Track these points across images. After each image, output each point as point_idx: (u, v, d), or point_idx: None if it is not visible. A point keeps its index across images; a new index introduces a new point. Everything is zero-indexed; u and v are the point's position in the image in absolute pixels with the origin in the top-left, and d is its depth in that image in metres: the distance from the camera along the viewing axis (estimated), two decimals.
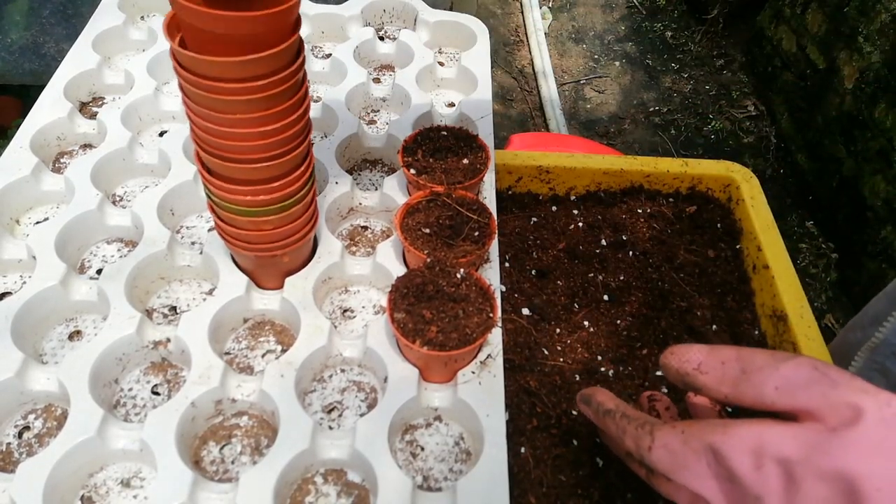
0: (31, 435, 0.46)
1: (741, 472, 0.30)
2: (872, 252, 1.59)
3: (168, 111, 0.66)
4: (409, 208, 0.52)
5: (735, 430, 0.31)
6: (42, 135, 0.61)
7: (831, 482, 0.28)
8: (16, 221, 0.57)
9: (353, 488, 0.44)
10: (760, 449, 0.29)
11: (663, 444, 0.33)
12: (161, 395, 0.48)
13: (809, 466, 0.28)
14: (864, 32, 1.66)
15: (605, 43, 2.39)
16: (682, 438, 0.33)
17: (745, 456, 0.30)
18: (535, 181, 0.68)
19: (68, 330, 0.51)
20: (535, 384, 0.52)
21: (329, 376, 0.50)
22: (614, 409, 0.38)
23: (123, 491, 0.43)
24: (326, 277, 0.53)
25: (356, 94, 0.68)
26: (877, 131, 1.59)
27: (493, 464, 0.42)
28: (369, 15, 0.78)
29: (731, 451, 0.30)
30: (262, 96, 0.37)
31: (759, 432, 0.30)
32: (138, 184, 0.62)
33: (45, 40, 1.03)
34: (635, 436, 0.35)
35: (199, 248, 0.54)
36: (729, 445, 0.30)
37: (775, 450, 0.29)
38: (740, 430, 0.31)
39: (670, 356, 0.35)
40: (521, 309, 0.57)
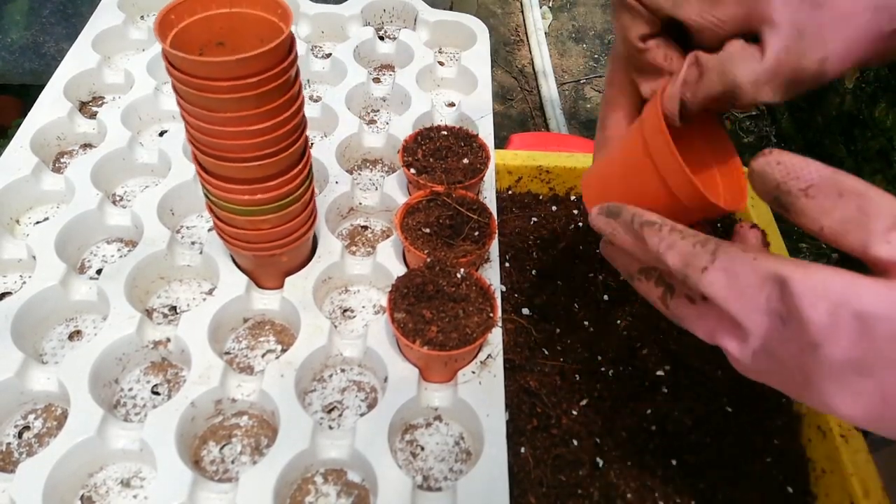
0: (31, 435, 0.46)
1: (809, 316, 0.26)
2: None
3: (168, 111, 0.66)
4: (409, 208, 0.52)
5: (817, 273, 0.27)
6: (42, 134, 0.61)
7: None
8: (16, 221, 0.57)
9: (353, 488, 0.44)
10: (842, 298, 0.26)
11: (725, 267, 0.29)
12: (161, 395, 0.48)
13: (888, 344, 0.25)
14: None
15: (605, 43, 2.39)
16: (752, 264, 0.28)
17: (819, 300, 0.26)
18: (535, 181, 0.68)
19: (68, 330, 0.51)
20: (535, 384, 0.52)
21: (329, 376, 0.50)
22: (659, 221, 0.33)
23: (123, 491, 0.43)
24: (326, 277, 0.53)
25: (356, 94, 0.68)
26: (877, 131, 1.59)
27: (493, 464, 0.42)
28: (369, 15, 0.78)
29: (805, 292, 0.27)
30: (253, 94, 0.37)
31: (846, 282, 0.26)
32: (138, 184, 0.62)
33: (45, 40, 1.03)
34: (689, 252, 0.30)
35: (199, 247, 0.54)
36: (805, 285, 0.27)
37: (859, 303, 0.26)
38: (823, 274, 0.27)
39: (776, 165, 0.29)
40: (521, 309, 0.57)
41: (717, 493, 0.49)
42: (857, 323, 0.26)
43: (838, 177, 0.28)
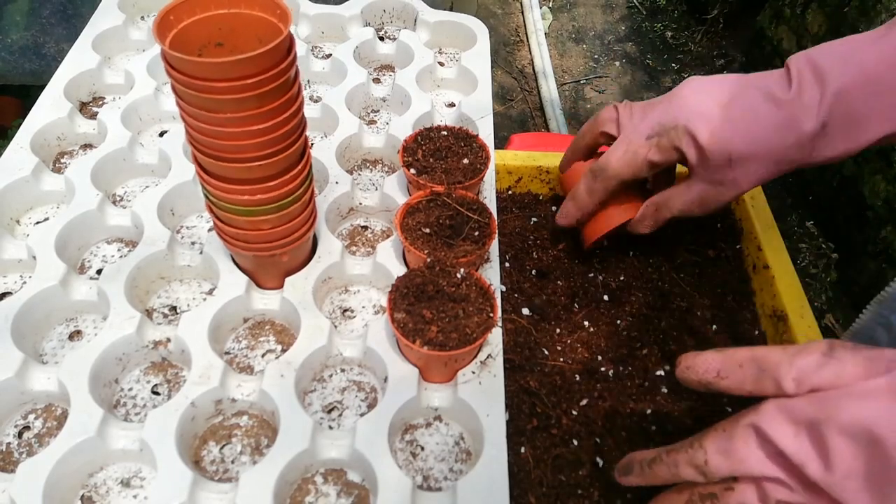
0: (31, 435, 0.46)
1: (782, 443, 0.32)
2: (872, 252, 1.59)
3: (168, 111, 0.66)
4: (409, 208, 0.52)
5: (765, 408, 0.34)
6: (42, 135, 0.61)
7: (853, 435, 0.30)
8: (16, 221, 0.57)
9: (353, 488, 0.44)
10: (794, 417, 0.32)
11: (715, 450, 0.35)
12: (161, 394, 0.48)
13: (831, 424, 0.31)
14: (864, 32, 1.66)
15: (605, 43, 2.39)
16: (726, 436, 0.35)
17: (783, 426, 0.32)
18: (535, 181, 0.68)
19: (68, 330, 0.51)
20: (535, 384, 0.52)
21: (329, 376, 0.50)
22: (656, 455, 0.39)
23: (123, 491, 0.43)
24: (326, 277, 0.53)
25: (356, 94, 0.68)
26: None
27: (493, 464, 0.42)
28: (369, 15, 0.78)
29: (769, 426, 0.33)
30: (253, 94, 0.37)
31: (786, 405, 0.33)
32: (138, 184, 0.62)
33: (45, 40, 1.03)
34: (689, 459, 0.36)
35: (199, 248, 0.54)
36: (764, 420, 0.33)
37: (802, 415, 0.32)
38: (770, 405, 0.33)
39: (687, 370, 0.38)
40: (521, 309, 0.57)
41: None
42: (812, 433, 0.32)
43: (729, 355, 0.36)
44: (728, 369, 0.36)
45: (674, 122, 0.48)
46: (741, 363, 0.35)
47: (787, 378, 0.33)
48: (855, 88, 0.43)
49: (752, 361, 0.35)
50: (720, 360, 0.36)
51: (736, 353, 0.36)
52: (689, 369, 0.38)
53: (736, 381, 0.36)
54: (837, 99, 0.43)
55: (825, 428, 0.31)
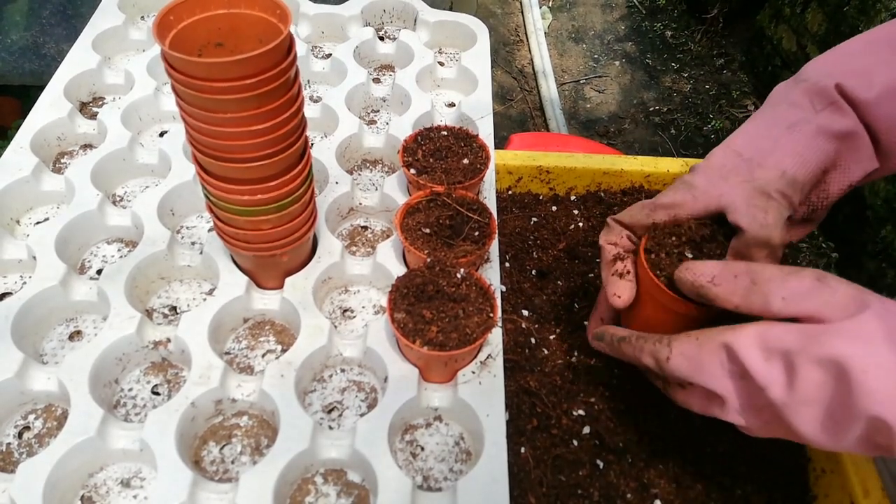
0: (31, 435, 0.46)
1: (751, 365, 0.33)
2: (872, 252, 1.59)
3: (168, 111, 0.66)
4: (409, 208, 0.52)
5: (744, 329, 0.35)
6: (42, 135, 0.61)
7: (824, 367, 0.32)
8: (16, 221, 0.57)
9: (353, 488, 0.44)
10: (767, 343, 0.33)
11: (680, 352, 0.37)
12: (161, 395, 0.48)
13: (805, 354, 0.32)
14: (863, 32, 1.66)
15: (605, 42, 2.39)
16: (696, 343, 0.36)
17: (754, 349, 0.33)
18: (535, 181, 0.68)
19: (68, 330, 0.51)
20: (535, 384, 0.52)
21: (329, 376, 0.50)
22: (628, 335, 0.42)
23: (123, 491, 0.43)
24: (326, 277, 0.53)
25: (356, 94, 0.68)
26: None
27: (493, 464, 0.42)
28: (369, 15, 0.78)
29: (741, 347, 0.34)
30: (253, 95, 0.37)
31: (765, 328, 0.34)
32: (138, 184, 0.62)
33: (45, 40, 1.03)
34: (653, 350, 0.39)
35: (199, 248, 0.54)
36: (740, 342, 0.34)
37: (778, 343, 0.33)
38: (749, 329, 0.34)
39: (685, 271, 0.38)
40: (521, 309, 0.57)
41: (717, 493, 0.49)
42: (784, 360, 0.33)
43: (729, 265, 0.37)
44: (723, 276, 0.36)
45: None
46: (737, 273, 0.36)
47: (777, 296, 0.34)
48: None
49: (746, 273, 0.36)
50: (719, 266, 0.37)
51: (734, 264, 0.37)
52: (687, 270, 0.38)
53: (727, 289, 0.36)
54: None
55: (799, 356, 0.32)
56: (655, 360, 0.38)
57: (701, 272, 0.38)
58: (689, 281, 0.38)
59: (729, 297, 0.36)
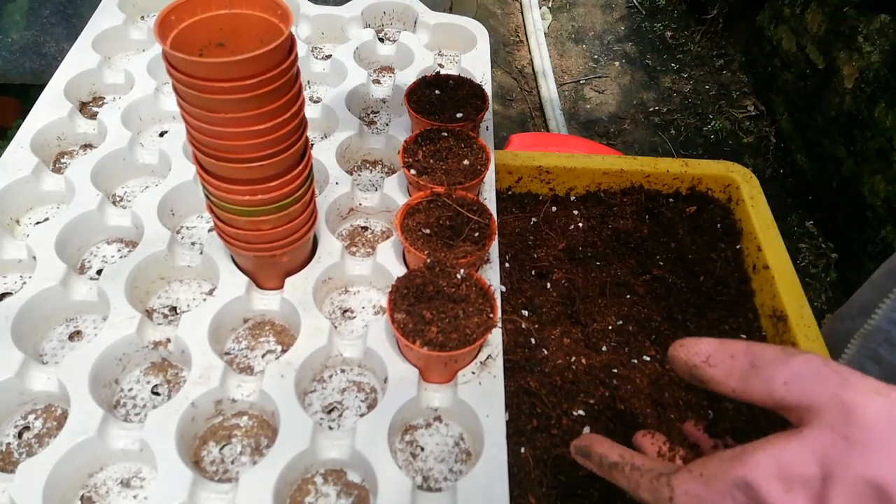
0: (31, 435, 0.46)
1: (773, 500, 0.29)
2: (872, 252, 1.59)
3: (168, 111, 0.66)
4: (409, 209, 0.52)
5: (755, 459, 0.30)
6: (42, 135, 0.61)
7: (860, 492, 0.27)
8: (16, 221, 0.57)
9: (353, 488, 0.44)
10: (785, 472, 0.29)
11: (685, 492, 0.32)
12: (161, 395, 0.48)
13: (837, 482, 0.28)
14: (863, 32, 1.66)
15: (604, 43, 2.39)
16: (703, 482, 0.32)
17: (773, 482, 0.29)
18: (535, 181, 0.68)
19: (68, 330, 0.51)
20: (535, 384, 0.52)
21: (329, 376, 0.50)
22: (621, 462, 0.37)
23: (123, 491, 0.43)
24: (326, 278, 0.53)
25: (356, 95, 0.68)
26: (876, 131, 1.59)
27: (493, 464, 0.42)
28: (369, 17, 0.78)
29: (758, 481, 0.29)
30: (253, 95, 0.37)
31: (777, 454, 0.29)
32: (138, 184, 0.62)
33: (45, 40, 1.03)
34: (651, 488, 0.34)
35: (199, 248, 0.54)
36: (754, 476, 0.30)
37: (800, 470, 0.29)
38: (760, 458, 0.30)
39: (679, 348, 0.35)
40: (521, 309, 0.57)
41: None
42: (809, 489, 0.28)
43: (725, 343, 0.33)
44: (718, 357, 0.33)
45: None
46: (733, 354, 0.33)
47: (779, 379, 0.30)
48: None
49: (745, 354, 0.32)
50: (714, 346, 0.34)
51: (731, 343, 0.33)
52: (681, 347, 0.35)
53: (723, 371, 0.33)
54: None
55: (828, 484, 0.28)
56: (656, 498, 0.34)
57: (695, 350, 0.34)
58: (683, 360, 0.35)
59: (725, 379, 0.32)
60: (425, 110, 0.59)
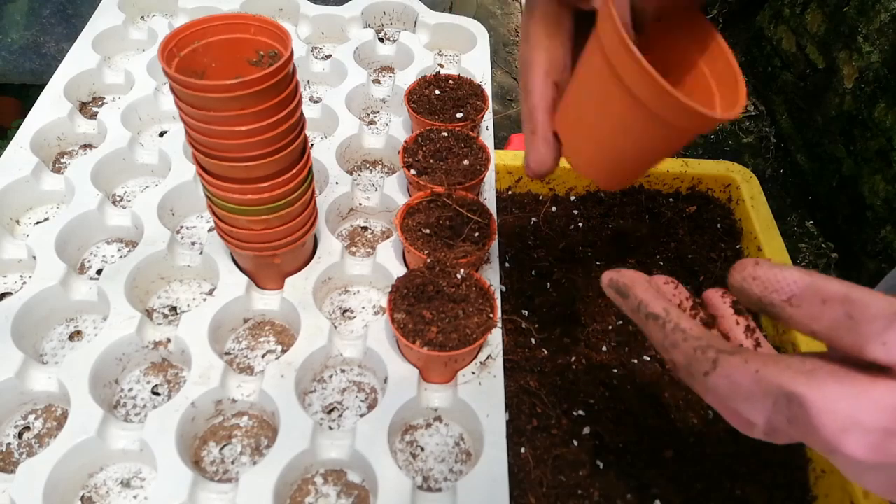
0: (31, 435, 0.46)
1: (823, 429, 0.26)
2: (872, 252, 1.59)
3: (168, 111, 0.66)
4: (409, 209, 0.52)
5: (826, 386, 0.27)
6: (42, 135, 0.61)
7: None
8: (16, 221, 0.57)
9: (353, 489, 0.44)
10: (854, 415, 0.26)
11: (727, 375, 0.29)
12: (161, 395, 0.48)
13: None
14: (863, 32, 1.66)
15: None
16: (754, 377, 0.28)
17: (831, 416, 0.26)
18: (535, 181, 0.68)
19: (68, 330, 0.51)
20: (535, 384, 0.52)
21: (329, 376, 0.50)
22: (664, 317, 0.32)
23: (123, 491, 0.43)
24: (326, 278, 0.53)
25: (356, 95, 0.68)
26: (876, 131, 1.59)
27: (493, 464, 0.42)
28: (369, 16, 0.78)
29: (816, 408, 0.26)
30: (250, 92, 0.37)
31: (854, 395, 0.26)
32: (138, 184, 0.62)
33: (45, 40, 1.03)
34: (690, 356, 0.30)
35: (199, 248, 0.54)
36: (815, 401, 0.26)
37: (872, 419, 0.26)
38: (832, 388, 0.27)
39: (752, 280, 0.29)
40: (521, 309, 0.57)
41: (717, 493, 0.49)
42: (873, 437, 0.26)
43: (819, 283, 0.28)
44: (806, 297, 0.28)
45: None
46: (826, 299, 0.27)
47: (878, 339, 0.26)
48: None
49: (841, 303, 0.27)
50: (803, 284, 0.28)
51: (826, 284, 0.27)
52: (754, 280, 0.29)
53: (809, 314, 0.28)
54: None
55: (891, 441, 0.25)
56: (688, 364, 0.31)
57: (776, 287, 0.28)
58: (756, 294, 0.29)
59: (809, 323, 0.28)
60: (425, 110, 0.59)
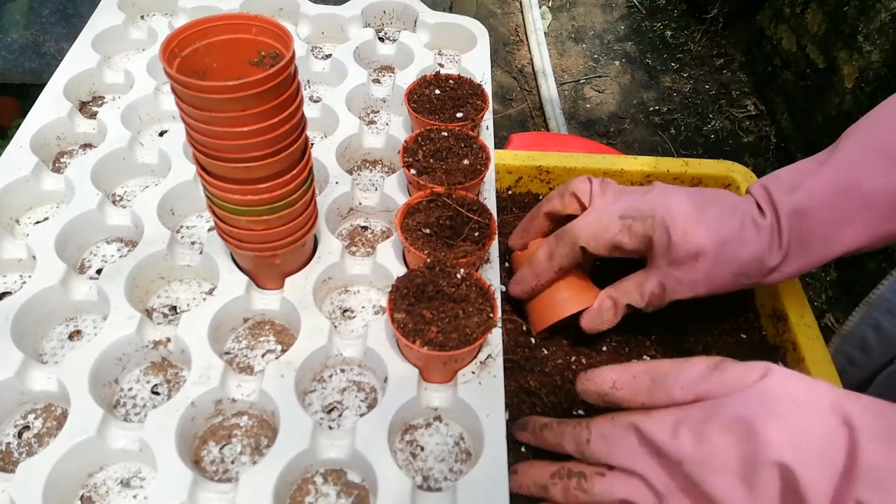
0: (31, 435, 0.46)
1: (661, 442, 0.35)
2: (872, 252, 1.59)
3: (168, 111, 0.66)
4: (409, 208, 0.52)
5: (656, 413, 0.37)
6: (42, 134, 0.61)
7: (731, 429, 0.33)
8: (16, 221, 0.57)
9: (353, 488, 0.44)
10: (677, 422, 0.35)
11: (599, 433, 0.39)
12: (161, 395, 0.48)
13: (713, 421, 0.34)
14: (863, 32, 1.66)
15: (604, 42, 2.39)
16: (612, 423, 0.38)
17: (664, 430, 0.36)
18: (535, 181, 0.68)
19: (68, 330, 0.51)
20: (535, 384, 0.52)
21: (329, 376, 0.50)
22: (548, 422, 0.43)
23: (123, 491, 0.43)
24: (326, 277, 0.53)
25: (356, 95, 0.68)
26: None
27: (493, 464, 0.42)
28: (369, 16, 0.78)
29: (651, 428, 0.36)
30: (251, 93, 0.37)
31: (676, 411, 0.36)
32: (138, 184, 0.62)
33: (45, 39, 1.03)
34: (574, 434, 0.40)
35: (199, 247, 0.54)
36: (649, 424, 0.36)
37: (688, 419, 0.35)
38: (660, 413, 0.37)
39: (587, 382, 0.40)
40: (521, 309, 0.57)
41: None
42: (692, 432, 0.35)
43: (626, 368, 0.39)
44: (623, 381, 0.38)
45: (650, 210, 0.47)
46: (635, 375, 0.38)
47: (676, 385, 0.36)
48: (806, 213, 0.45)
49: (644, 373, 0.38)
50: (616, 371, 0.39)
51: (631, 366, 0.39)
52: (588, 381, 0.40)
53: (630, 391, 0.38)
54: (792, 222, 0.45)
55: (706, 425, 0.34)
56: (576, 443, 0.39)
57: (602, 380, 0.39)
58: (594, 391, 0.39)
59: (634, 397, 0.38)
60: (425, 110, 0.59)
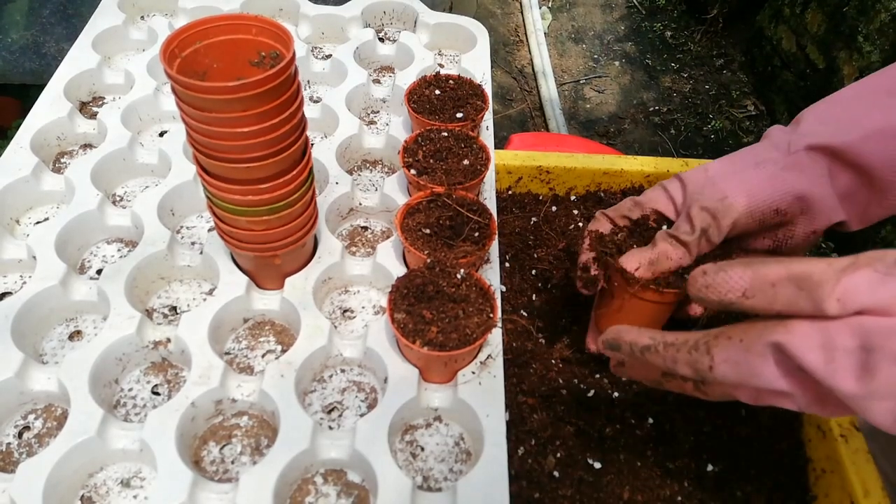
0: (31, 435, 0.46)
1: (813, 367, 0.29)
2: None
3: (168, 111, 0.66)
4: (409, 209, 0.52)
5: (798, 328, 0.30)
6: (42, 135, 0.61)
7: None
8: (16, 221, 0.57)
9: (353, 488, 0.44)
10: (829, 343, 0.29)
11: (724, 359, 0.32)
12: (161, 395, 0.48)
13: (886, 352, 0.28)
14: (863, 32, 1.66)
15: (604, 43, 2.39)
16: (742, 347, 0.32)
17: (813, 352, 0.29)
18: (535, 181, 0.68)
19: (68, 330, 0.51)
20: (535, 384, 0.52)
21: (329, 376, 0.50)
22: (653, 343, 0.37)
23: (123, 491, 0.43)
24: (326, 277, 0.53)
25: (356, 95, 0.68)
26: None
27: (493, 464, 0.42)
28: (369, 16, 0.78)
29: (798, 349, 0.30)
30: (252, 94, 0.37)
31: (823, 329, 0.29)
32: (138, 184, 0.62)
33: (45, 40, 1.03)
34: (690, 360, 0.34)
35: (199, 248, 0.54)
36: (795, 344, 0.30)
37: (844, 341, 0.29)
38: (804, 328, 0.30)
39: (705, 290, 0.33)
40: (521, 309, 0.57)
41: (717, 493, 0.49)
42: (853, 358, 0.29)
43: (762, 270, 0.31)
44: (757, 288, 0.31)
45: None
46: (774, 282, 0.31)
47: (831, 298, 0.29)
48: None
49: (788, 280, 0.30)
50: (748, 277, 0.32)
51: (768, 269, 0.31)
52: (707, 289, 0.33)
53: (765, 300, 0.31)
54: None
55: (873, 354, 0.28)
56: (695, 370, 0.34)
57: (728, 288, 0.32)
58: (715, 300, 0.33)
59: (769, 307, 0.31)
60: (425, 110, 0.59)
